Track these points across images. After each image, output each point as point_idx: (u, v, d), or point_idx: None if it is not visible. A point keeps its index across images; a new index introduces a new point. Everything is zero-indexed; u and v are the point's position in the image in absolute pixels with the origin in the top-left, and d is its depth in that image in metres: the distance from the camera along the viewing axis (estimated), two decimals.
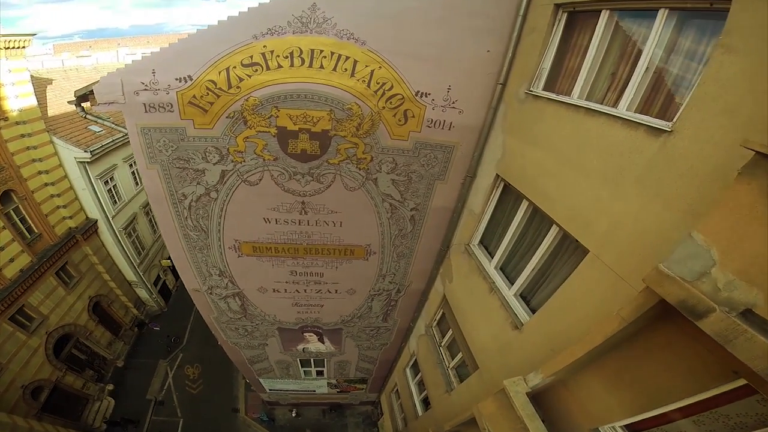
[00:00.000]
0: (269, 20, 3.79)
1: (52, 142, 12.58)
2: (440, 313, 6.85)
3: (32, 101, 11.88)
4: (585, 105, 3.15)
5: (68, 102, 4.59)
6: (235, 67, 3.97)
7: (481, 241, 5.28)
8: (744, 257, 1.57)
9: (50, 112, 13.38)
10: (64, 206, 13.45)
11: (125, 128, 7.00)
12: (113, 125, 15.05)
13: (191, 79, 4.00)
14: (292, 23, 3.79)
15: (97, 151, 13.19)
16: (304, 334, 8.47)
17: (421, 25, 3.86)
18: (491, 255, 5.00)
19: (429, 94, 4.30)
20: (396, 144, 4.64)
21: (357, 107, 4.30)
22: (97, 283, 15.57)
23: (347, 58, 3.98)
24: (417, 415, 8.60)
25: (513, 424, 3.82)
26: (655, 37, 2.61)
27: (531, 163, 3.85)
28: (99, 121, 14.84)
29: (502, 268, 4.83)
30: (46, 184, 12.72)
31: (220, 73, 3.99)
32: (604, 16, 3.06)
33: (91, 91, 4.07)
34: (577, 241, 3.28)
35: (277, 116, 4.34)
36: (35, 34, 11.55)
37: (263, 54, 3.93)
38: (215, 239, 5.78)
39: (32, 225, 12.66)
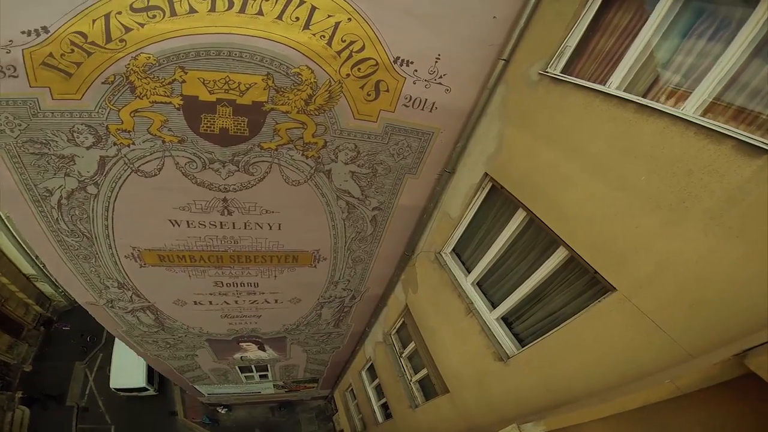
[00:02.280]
0: None
1: None
2: (401, 322, 6.04)
3: None
4: (636, 99, 2.25)
5: None
6: (120, 13, 2.68)
7: (455, 250, 4.42)
8: None
9: None
10: None
11: None
12: None
13: (46, 32, 2.66)
14: None
15: None
16: (241, 344, 7.19)
17: None
18: (468, 268, 4.17)
19: (411, 62, 3.17)
20: (360, 126, 3.45)
21: (309, 72, 3.03)
22: None
23: (301, 2, 2.78)
24: (377, 421, 8.01)
25: None
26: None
27: (541, 165, 2.94)
28: None
29: (480, 285, 4.05)
30: None
31: (94, 21, 2.67)
32: None
33: None
34: (597, 273, 2.50)
35: (184, 81, 2.93)
36: None
37: None
38: (104, 246, 4.19)
39: None
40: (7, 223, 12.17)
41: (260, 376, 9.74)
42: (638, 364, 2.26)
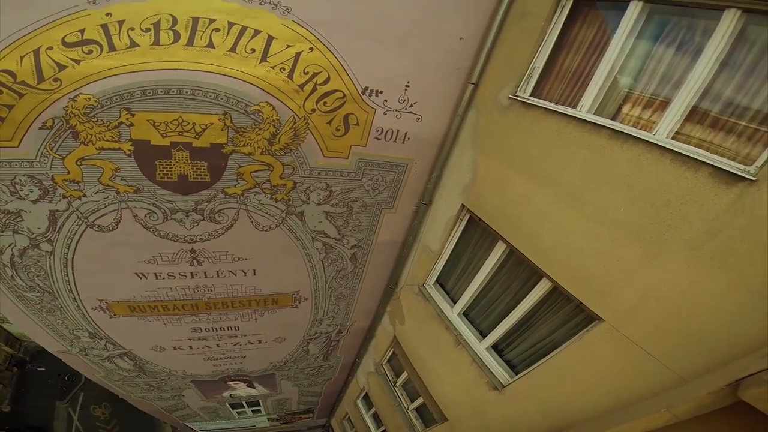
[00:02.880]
0: None
1: None
2: (391, 352, 5.83)
3: None
4: (609, 125, 2.19)
5: None
6: (51, 49, 2.41)
7: (438, 281, 4.28)
8: None
9: None
10: None
11: None
12: None
13: None
14: None
15: None
16: (228, 383, 6.86)
17: None
18: (453, 299, 4.04)
19: (381, 92, 3.02)
20: (331, 163, 3.30)
21: (270, 109, 2.84)
22: None
23: (256, 32, 2.58)
24: None
25: None
26: (723, 35, 1.72)
27: (515, 195, 2.86)
28: None
29: (467, 314, 3.92)
30: None
31: (22, 58, 2.40)
32: (636, 7, 2.11)
33: None
34: (581, 303, 2.44)
35: (132, 124, 2.71)
36: None
37: (105, 27, 2.40)
38: (68, 300, 3.93)
39: None
40: None
41: (253, 411, 9.34)
42: (632, 391, 2.24)
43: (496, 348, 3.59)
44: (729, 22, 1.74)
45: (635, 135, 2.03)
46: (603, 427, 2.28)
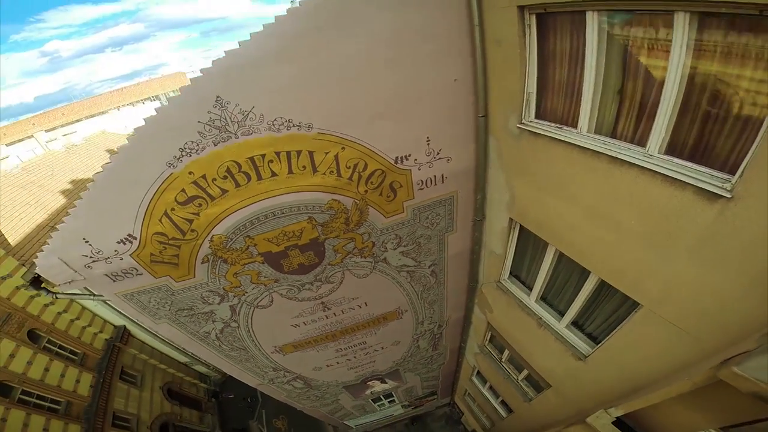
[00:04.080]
0: (173, 137, 2.91)
1: None
2: (489, 335, 6.66)
3: None
4: (604, 150, 2.46)
5: (25, 289, 4.22)
6: (173, 210, 3.28)
7: (513, 273, 4.95)
8: None
9: (12, 241, 12.48)
10: (89, 325, 13.71)
11: None
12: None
13: (135, 239, 3.41)
14: (205, 132, 2.93)
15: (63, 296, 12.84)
16: (367, 383, 8.59)
17: (373, 77, 3.01)
18: (528, 287, 4.68)
19: (409, 155, 3.57)
20: (393, 220, 4.22)
21: (337, 203, 3.71)
22: (159, 374, 16.26)
23: (299, 153, 3.19)
24: (501, 417, 8.60)
25: None
26: (681, 47, 1.90)
27: (550, 211, 3.31)
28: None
29: (545, 298, 4.50)
30: (59, 313, 12.82)
31: (161, 221, 3.31)
32: (593, 18, 2.29)
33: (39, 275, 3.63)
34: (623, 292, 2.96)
35: (255, 244, 3.84)
36: None
37: (196, 183, 3.17)
38: (256, 351, 5.77)
39: (73, 348, 13.05)
40: (158, 335, 15.52)
41: (389, 402, 11.18)
42: (677, 357, 2.68)
43: (576, 324, 4.08)
44: (682, 26, 1.83)
45: (628, 160, 2.32)
46: (654, 390, 2.87)
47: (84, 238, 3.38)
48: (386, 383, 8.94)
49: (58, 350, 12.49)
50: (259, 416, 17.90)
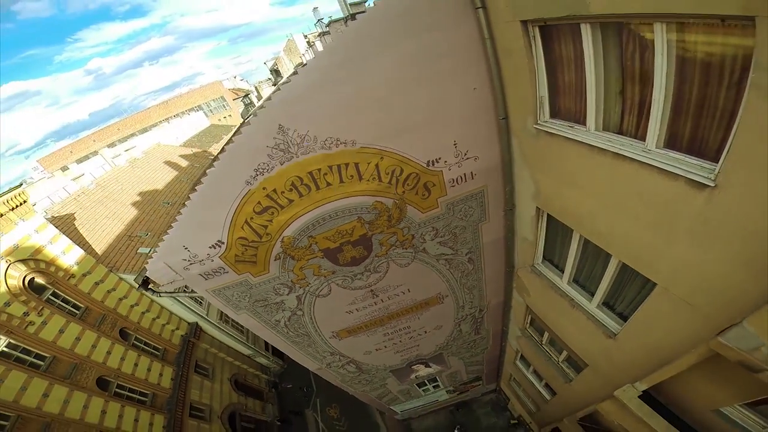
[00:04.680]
0: (248, 160, 3.66)
1: (121, 279, 13.61)
2: (529, 318, 7.01)
3: (78, 251, 12.57)
4: (609, 147, 2.76)
5: (136, 290, 5.24)
6: (252, 218, 4.06)
7: (545, 257, 5.30)
8: None
9: (99, 250, 14.01)
10: (167, 323, 15.65)
11: None
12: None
13: (223, 244, 4.27)
14: (273, 155, 3.65)
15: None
16: (412, 367, 9.23)
17: (401, 95, 3.52)
18: (560, 270, 5.01)
19: (439, 158, 4.11)
20: (429, 215, 4.81)
21: (381, 204, 4.41)
22: (227, 366, 18.15)
23: (347, 165, 3.87)
24: (546, 400, 8.88)
25: (635, 422, 4.31)
26: (663, 54, 2.17)
27: (571, 201, 3.69)
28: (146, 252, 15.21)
29: (576, 281, 4.83)
30: (143, 313, 14.70)
31: (243, 228, 4.11)
32: (587, 30, 2.58)
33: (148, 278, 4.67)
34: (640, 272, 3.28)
35: (316, 242, 4.66)
36: (21, 185, 11.04)
37: (269, 196, 3.94)
38: (317, 337, 6.64)
39: (156, 345, 15.05)
40: (219, 326, 17.34)
41: (433, 387, 11.70)
42: (692, 333, 2.95)
43: (606, 304, 4.36)
44: (661, 35, 2.07)
45: (626, 155, 2.63)
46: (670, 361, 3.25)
47: (184, 246, 4.32)
48: (430, 367, 9.52)
49: (144, 346, 14.49)
50: (314, 405, 19.22)
